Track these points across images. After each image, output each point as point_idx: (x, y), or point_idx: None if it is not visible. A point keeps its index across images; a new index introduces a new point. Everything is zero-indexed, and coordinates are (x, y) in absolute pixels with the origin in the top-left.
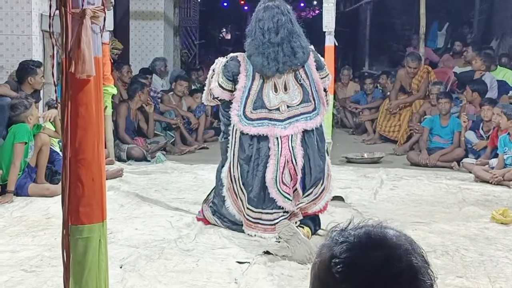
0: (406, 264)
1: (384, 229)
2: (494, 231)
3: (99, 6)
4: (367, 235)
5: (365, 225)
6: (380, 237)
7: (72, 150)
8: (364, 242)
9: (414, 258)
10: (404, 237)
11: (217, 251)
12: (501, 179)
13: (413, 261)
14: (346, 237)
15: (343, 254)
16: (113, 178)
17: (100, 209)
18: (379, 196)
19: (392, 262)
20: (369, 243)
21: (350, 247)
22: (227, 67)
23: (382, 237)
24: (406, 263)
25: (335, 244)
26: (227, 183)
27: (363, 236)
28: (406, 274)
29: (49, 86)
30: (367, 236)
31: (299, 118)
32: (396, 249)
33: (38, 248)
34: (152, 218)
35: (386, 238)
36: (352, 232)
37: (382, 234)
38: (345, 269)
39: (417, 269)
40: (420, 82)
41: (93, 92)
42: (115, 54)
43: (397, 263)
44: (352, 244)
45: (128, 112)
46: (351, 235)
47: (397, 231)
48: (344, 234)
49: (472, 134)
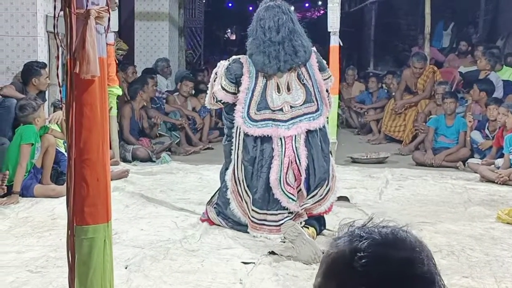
0: (428, 270)
1: (408, 233)
2: (500, 231)
3: (103, 7)
4: (393, 234)
5: (388, 225)
6: (405, 238)
7: (77, 150)
8: (391, 240)
9: (433, 266)
10: (424, 244)
11: (222, 252)
12: (507, 179)
13: (432, 268)
14: (370, 233)
15: (368, 249)
16: (118, 178)
17: (105, 209)
18: (384, 196)
19: (417, 264)
20: (395, 242)
21: (376, 243)
22: (229, 69)
23: (407, 239)
24: (428, 268)
25: (358, 239)
26: (232, 186)
27: (389, 235)
28: (426, 278)
29: (54, 87)
30: (393, 235)
31: (303, 118)
32: (420, 253)
33: (43, 249)
34: (157, 218)
35: (411, 240)
36: (376, 230)
37: (406, 237)
38: (370, 263)
39: (435, 276)
40: (425, 82)
41: (98, 92)
42: (120, 55)
43: (421, 265)
44: (378, 240)
45: (132, 113)
46: (375, 232)
47: (418, 237)
48: (366, 231)
49: (478, 134)
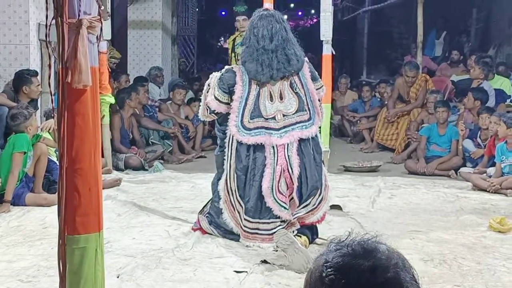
0: (392, 277)
1: (378, 243)
2: (492, 239)
3: (95, 16)
4: (361, 245)
5: (362, 237)
6: (372, 248)
7: (69, 159)
8: (356, 251)
9: (402, 273)
10: (396, 253)
11: (215, 261)
12: (499, 187)
13: (400, 276)
14: (341, 246)
15: (334, 260)
16: (111, 187)
17: (96, 219)
18: (377, 205)
19: (379, 272)
20: (360, 252)
21: (342, 254)
22: (222, 79)
23: (374, 249)
24: (393, 275)
25: (330, 252)
26: (224, 196)
27: (356, 246)
28: (390, 286)
29: (46, 96)
30: (360, 246)
31: (295, 126)
32: (385, 261)
33: (34, 258)
34: (150, 227)
35: (378, 250)
36: (348, 242)
37: (374, 246)
38: (334, 273)
39: (402, 284)
40: (418, 90)
41: (90, 102)
42: (113, 63)
43: (383, 273)
44: (345, 252)
45: (122, 122)
46: (345, 245)
47: (391, 247)
48: (340, 244)
49: (470, 142)
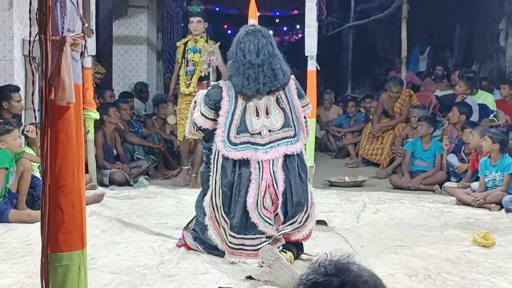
0: None
1: (350, 263)
2: (476, 254)
3: (79, 34)
4: (333, 264)
5: (335, 257)
6: (343, 267)
7: (52, 176)
8: (328, 269)
9: None
10: (368, 272)
11: (200, 277)
12: (483, 201)
13: None
14: (317, 266)
15: (308, 277)
16: (93, 203)
17: (80, 236)
18: (362, 220)
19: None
20: (331, 270)
21: (315, 272)
22: (208, 95)
23: (344, 267)
24: None
25: (306, 271)
26: (209, 212)
27: (329, 265)
28: None
29: (30, 112)
30: (333, 265)
31: (281, 142)
32: (354, 278)
33: (18, 276)
34: (134, 243)
35: (348, 268)
36: (322, 262)
37: (346, 265)
38: None
39: None
40: (402, 105)
41: (73, 119)
42: (97, 79)
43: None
44: (318, 271)
45: (104, 138)
46: (321, 265)
47: (363, 266)
48: (315, 263)
49: (454, 157)
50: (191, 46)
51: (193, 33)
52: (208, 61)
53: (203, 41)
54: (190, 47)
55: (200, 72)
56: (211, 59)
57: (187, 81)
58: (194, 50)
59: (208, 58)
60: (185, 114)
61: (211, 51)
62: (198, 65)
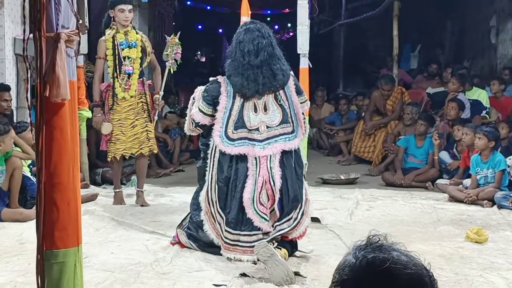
0: None
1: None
2: (469, 250)
3: (73, 30)
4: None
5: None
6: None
7: (47, 174)
8: None
9: None
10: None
11: (194, 274)
12: (475, 198)
13: None
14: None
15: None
16: (87, 202)
17: (75, 233)
18: (355, 217)
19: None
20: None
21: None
22: (207, 91)
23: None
24: None
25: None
26: (205, 207)
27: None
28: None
29: (23, 110)
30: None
31: (278, 138)
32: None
33: (11, 274)
34: (128, 241)
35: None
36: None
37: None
38: None
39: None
40: (394, 103)
41: (68, 115)
42: (89, 78)
43: None
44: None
45: (97, 136)
46: None
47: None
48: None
49: (446, 154)
50: (122, 40)
51: (123, 24)
52: (174, 54)
53: (134, 33)
54: (121, 41)
55: (137, 70)
56: (179, 51)
57: (125, 84)
58: (129, 45)
59: (175, 51)
60: (126, 126)
61: (177, 43)
62: (135, 63)
